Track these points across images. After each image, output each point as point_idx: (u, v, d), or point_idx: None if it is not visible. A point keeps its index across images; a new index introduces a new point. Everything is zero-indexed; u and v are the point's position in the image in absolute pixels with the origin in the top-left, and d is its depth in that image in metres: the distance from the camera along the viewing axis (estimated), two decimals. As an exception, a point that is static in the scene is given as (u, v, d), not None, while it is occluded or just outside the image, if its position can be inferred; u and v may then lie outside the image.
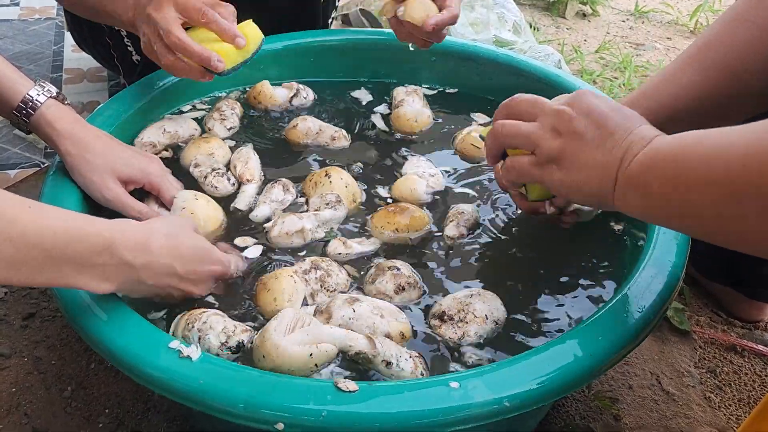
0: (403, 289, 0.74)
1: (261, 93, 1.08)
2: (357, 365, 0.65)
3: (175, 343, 0.60)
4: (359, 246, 0.82)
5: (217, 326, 0.67)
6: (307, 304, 0.73)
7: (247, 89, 1.11)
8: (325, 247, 0.82)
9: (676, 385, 0.93)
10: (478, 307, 0.71)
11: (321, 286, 0.74)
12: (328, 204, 0.85)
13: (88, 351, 0.92)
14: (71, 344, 0.94)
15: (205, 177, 0.90)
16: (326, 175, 0.88)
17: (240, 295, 0.75)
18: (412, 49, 1.03)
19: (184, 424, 0.84)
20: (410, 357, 0.65)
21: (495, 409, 0.56)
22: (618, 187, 0.61)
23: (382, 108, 1.11)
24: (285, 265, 0.78)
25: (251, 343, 0.67)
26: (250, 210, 0.88)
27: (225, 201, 0.89)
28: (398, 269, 0.75)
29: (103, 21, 1.00)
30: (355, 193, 0.89)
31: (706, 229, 0.56)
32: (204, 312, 0.68)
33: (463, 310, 0.71)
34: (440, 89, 1.15)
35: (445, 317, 0.71)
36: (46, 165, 1.27)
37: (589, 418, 0.87)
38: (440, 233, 0.85)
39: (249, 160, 0.94)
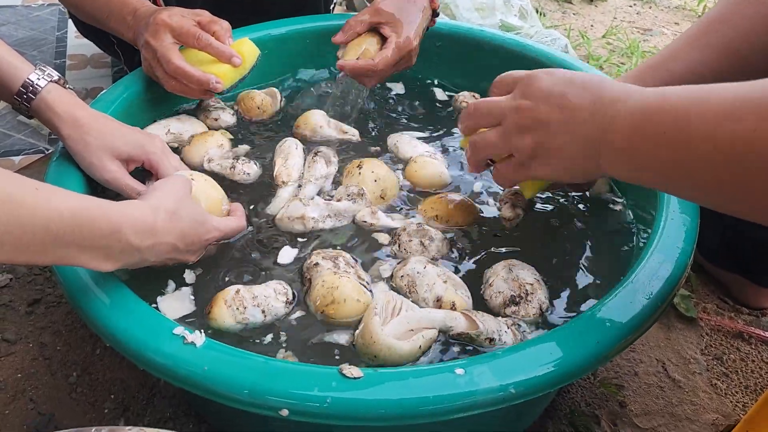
0: (432, 239, 0.77)
1: (251, 110, 1.04)
2: (458, 342, 0.67)
3: (179, 329, 0.60)
4: (387, 219, 0.81)
5: (269, 291, 0.71)
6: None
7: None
8: (353, 218, 0.82)
9: (682, 371, 0.93)
10: (524, 276, 0.73)
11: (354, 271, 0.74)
12: (349, 196, 0.83)
13: (93, 337, 0.92)
14: (76, 330, 0.94)
15: (232, 167, 0.88)
16: (358, 166, 0.86)
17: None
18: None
19: (189, 409, 0.84)
20: (508, 328, 0.67)
21: (500, 396, 0.56)
22: (603, 161, 0.59)
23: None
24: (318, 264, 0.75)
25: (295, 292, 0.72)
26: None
27: (254, 189, 0.88)
28: (406, 227, 0.79)
29: (108, 31, 1.02)
30: (386, 188, 0.86)
31: (702, 196, 0.54)
32: (237, 290, 0.70)
33: (521, 286, 0.72)
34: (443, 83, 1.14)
35: (517, 299, 0.71)
36: (50, 151, 1.27)
37: (595, 404, 0.87)
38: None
39: (290, 157, 0.90)
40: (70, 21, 1.73)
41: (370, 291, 0.72)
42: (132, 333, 0.61)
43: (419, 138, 0.99)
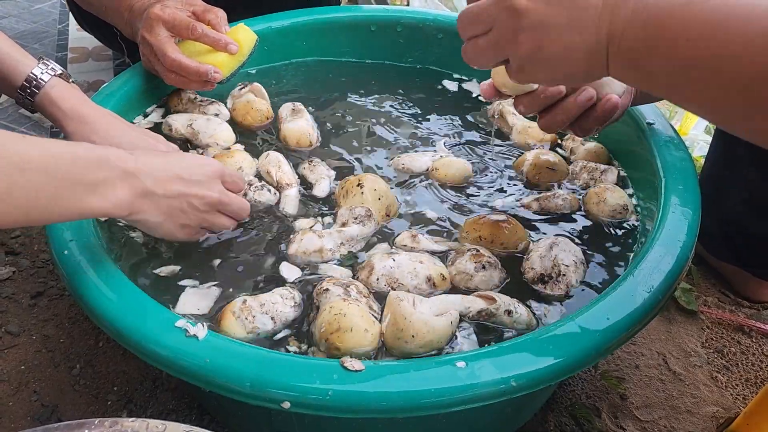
0: (484, 267, 0.73)
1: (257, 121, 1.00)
2: (478, 323, 0.68)
3: (181, 322, 0.61)
4: (429, 243, 0.78)
5: (276, 297, 0.69)
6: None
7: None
8: (393, 238, 0.79)
9: (682, 364, 0.93)
10: (564, 257, 0.74)
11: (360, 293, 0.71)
12: (356, 218, 0.79)
13: (96, 329, 0.93)
14: (79, 322, 0.94)
15: (245, 195, 0.84)
16: (359, 184, 0.82)
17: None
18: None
19: (192, 401, 0.84)
20: (519, 303, 0.69)
21: (501, 388, 0.56)
22: (611, 66, 0.54)
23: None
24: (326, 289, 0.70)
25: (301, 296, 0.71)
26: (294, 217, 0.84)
27: (267, 209, 0.85)
28: (477, 250, 0.75)
29: (108, 22, 1.02)
30: (390, 206, 0.83)
31: (715, 117, 0.52)
32: (244, 300, 0.68)
33: (556, 266, 0.73)
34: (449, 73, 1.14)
35: (545, 278, 0.73)
36: (52, 144, 1.27)
37: (596, 397, 0.87)
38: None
39: (281, 164, 0.90)
40: (71, 14, 1.73)
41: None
42: (134, 325, 0.61)
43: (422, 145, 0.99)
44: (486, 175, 0.92)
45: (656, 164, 0.80)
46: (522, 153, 0.94)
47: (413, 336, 0.63)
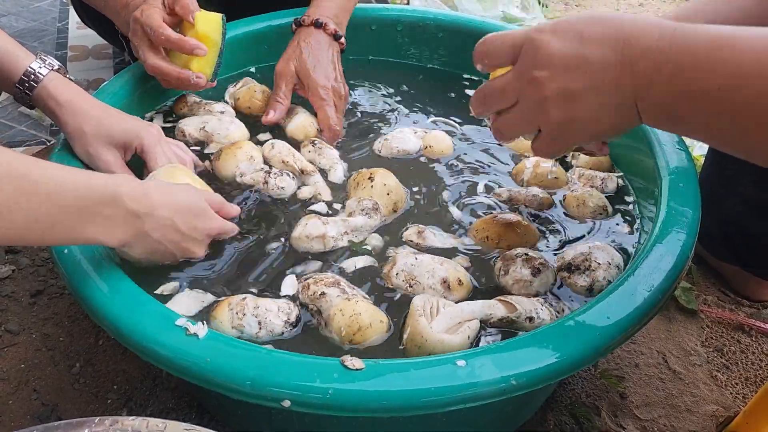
0: (539, 270, 0.73)
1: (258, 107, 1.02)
2: (499, 328, 0.68)
3: (181, 321, 0.61)
4: (435, 239, 0.78)
5: (273, 307, 0.68)
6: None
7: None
8: (401, 234, 0.80)
9: (682, 363, 0.93)
10: (599, 256, 0.74)
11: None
12: (363, 210, 0.80)
13: (96, 328, 0.93)
14: (79, 321, 0.94)
15: (266, 182, 0.85)
16: (369, 177, 0.83)
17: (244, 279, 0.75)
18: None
19: (192, 400, 0.84)
20: (543, 305, 0.69)
21: (501, 387, 0.56)
22: (643, 118, 0.55)
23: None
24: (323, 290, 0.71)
25: (301, 315, 0.70)
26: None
27: (291, 201, 0.85)
28: (526, 253, 0.74)
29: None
30: (398, 201, 0.84)
31: (753, 156, 0.51)
32: (244, 298, 0.69)
33: (587, 260, 0.73)
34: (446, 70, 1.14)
35: (573, 267, 0.73)
36: (52, 142, 1.27)
37: (596, 395, 0.87)
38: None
39: (293, 152, 0.90)
40: (71, 12, 1.73)
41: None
42: (134, 324, 0.61)
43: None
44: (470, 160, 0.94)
45: (657, 164, 0.80)
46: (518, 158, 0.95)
47: (430, 354, 0.64)
